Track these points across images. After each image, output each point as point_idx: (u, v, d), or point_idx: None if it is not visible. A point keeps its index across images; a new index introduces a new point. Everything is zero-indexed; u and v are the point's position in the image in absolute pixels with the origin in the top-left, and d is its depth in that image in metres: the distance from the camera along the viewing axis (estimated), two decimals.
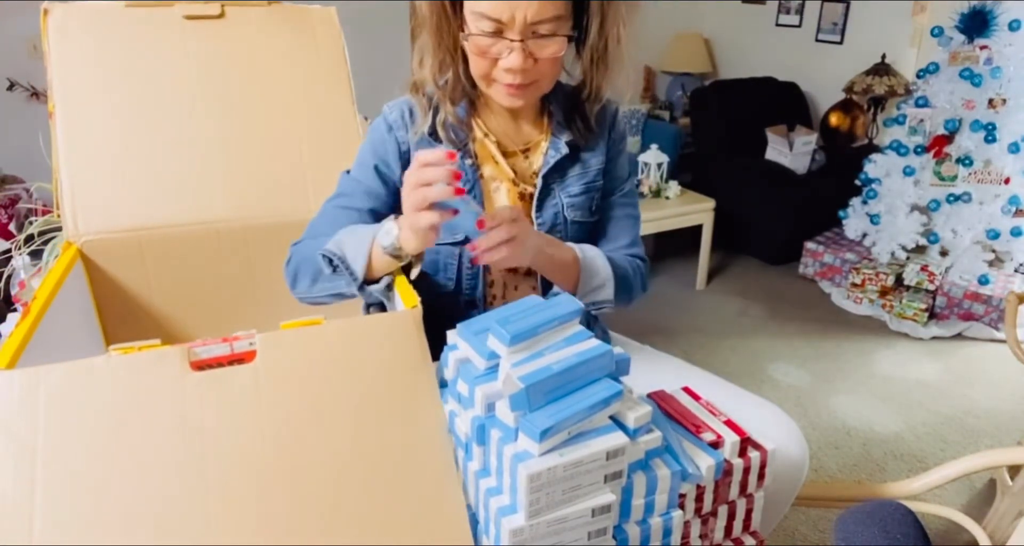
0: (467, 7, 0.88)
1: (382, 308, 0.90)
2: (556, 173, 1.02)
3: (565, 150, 1.01)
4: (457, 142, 0.99)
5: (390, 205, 1.02)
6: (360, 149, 1.04)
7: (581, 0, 0.90)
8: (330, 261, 0.87)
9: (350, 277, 0.85)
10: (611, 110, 1.06)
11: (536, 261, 0.93)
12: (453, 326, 0.77)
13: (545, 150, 1.03)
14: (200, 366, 0.68)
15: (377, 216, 1.01)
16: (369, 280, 0.86)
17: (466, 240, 1.00)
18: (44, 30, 1.07)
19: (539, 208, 1.02)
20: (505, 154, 1.02)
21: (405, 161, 1.00)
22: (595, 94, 1.00)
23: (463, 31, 0.90)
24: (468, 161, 0.99)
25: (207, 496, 0.63)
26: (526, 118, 1.03)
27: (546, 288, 1.06)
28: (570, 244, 0.99)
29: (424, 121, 0.98)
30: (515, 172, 1.02)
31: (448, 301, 1.04)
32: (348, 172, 1.04)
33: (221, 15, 1.15)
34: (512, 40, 0.86)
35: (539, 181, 1.01)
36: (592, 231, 1.10)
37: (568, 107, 1.02)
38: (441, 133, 0.98)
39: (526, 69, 0.89)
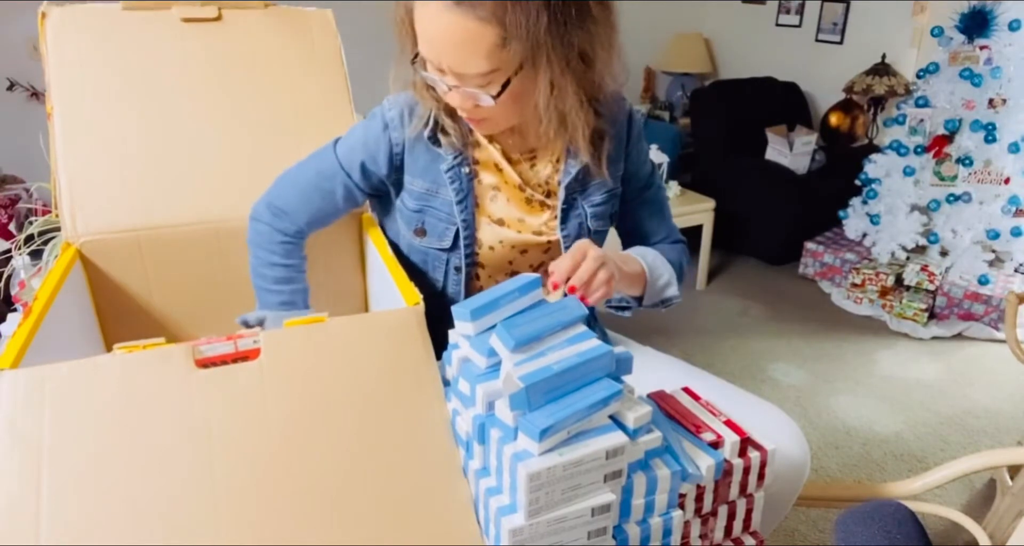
0: None
1: None
2: (577, 183, 1.00)
3: (585, 159, 0.97)
4: (457, 147, 0.97)
5: (362, 199, 1.05)
6: (354, 131, 1.03)
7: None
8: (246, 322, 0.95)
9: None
10: (625, 110, 1.02)
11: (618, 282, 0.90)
12: (442, 328, 0.77)
13: (554, 157, 1.00)
14: (205, 364, 0.68)
15: (347, 200, 1.04)
16: None
17: (453, 247, 1.00)
18: (42, 32, 1.07)
19: (564, 221, 1.00)
20: (509, 161, 1.00)
21: (397, 162, 1.00)
22: (545, 141, 0.96)
23: (413, 63, 0.88)
24: (466, 169, 0.98)
25: (213, 493, 0.63)
26: (528, 126, 1.00)
27: None
28: (628, 252, 0.99)
29: (421, 122, 0.97)
30: (522, 179, 1.00)
31: (434, 302, 1.04)
32: (335, 144, 1.03)
33: (218, 17, 1.14)
34: (448, 85, 0.85)
35: (561, 193, 0.99)
36: (631, 223, 1.10)
37: None
38: (441, 138, 0.97)
39: (468, 109, 0.87)
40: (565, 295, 0.80)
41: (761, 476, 0.80)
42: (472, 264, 1.02)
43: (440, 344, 0.78)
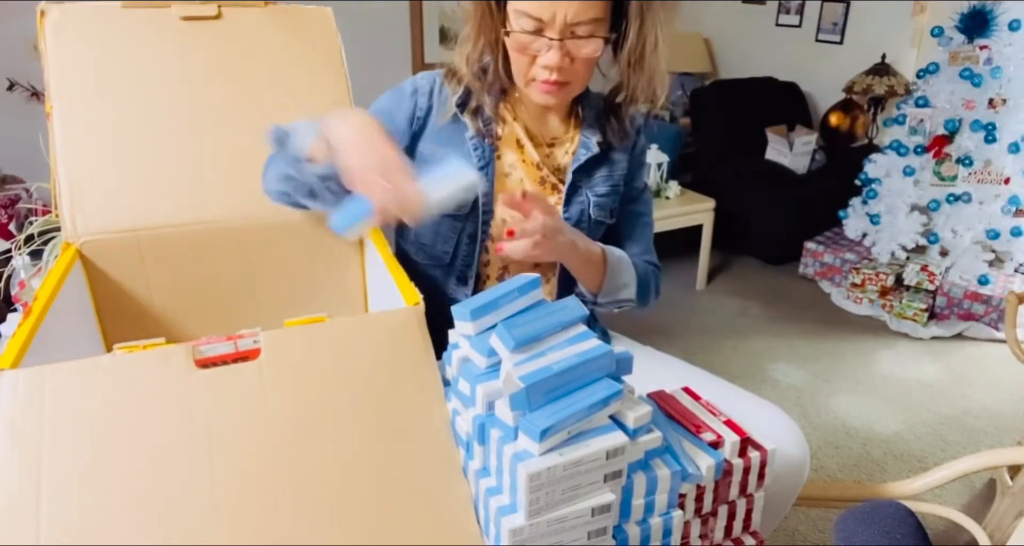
0: (510, 5, 0.91)
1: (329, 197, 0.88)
2: (584, 172, 1.05)
3: (596, 149, 1.04)
4: (482, 126, 1.01)
5: None
6: (377, 101, 1.07)
7: (621, 3, 0.92)
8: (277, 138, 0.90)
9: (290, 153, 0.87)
10: (638, 121, 1.09)
11: (565, 256, 0.95)
12: (446, 313, 0.77)
13: (571, 148, 1.06)
14: (205, 364, 0.68)
15: None
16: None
17: (470, 214, 1.02)
18: (41, 31, 1.07)
19: (567, 204, 1.05)
20: (532, 141, 1.05)
21: (416, 127, 1.03)
22: (631, 97, 1.01)
23: (505, 27, 0.93)
24: (488, 140, 1.01)
25: (213, 493, 0.63)
26: (555, 113, 1.06)
27: (562, 286, 1.07)
28: (596, 243, 1.02)
29: (451, 102, 1.01)
30: (540, 160, 1.05)
31: (440, 274, 1.06)
32: None
33: (218, 16, 1.15)
34: (551, 38, 0.89)
35: (569, 177, 1.04)
36: (608, 233, 1.13)
37: (600, 110, 1.05)
38: (468, 118, 1.01)
39: (562, 68, 0.91)
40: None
41: (761, 476, 0.79)
42: (486, 233, 1.04)
43: (441, 343, 0.78)
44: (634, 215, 1.13)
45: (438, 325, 0.79)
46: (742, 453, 0.78)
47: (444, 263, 1.05)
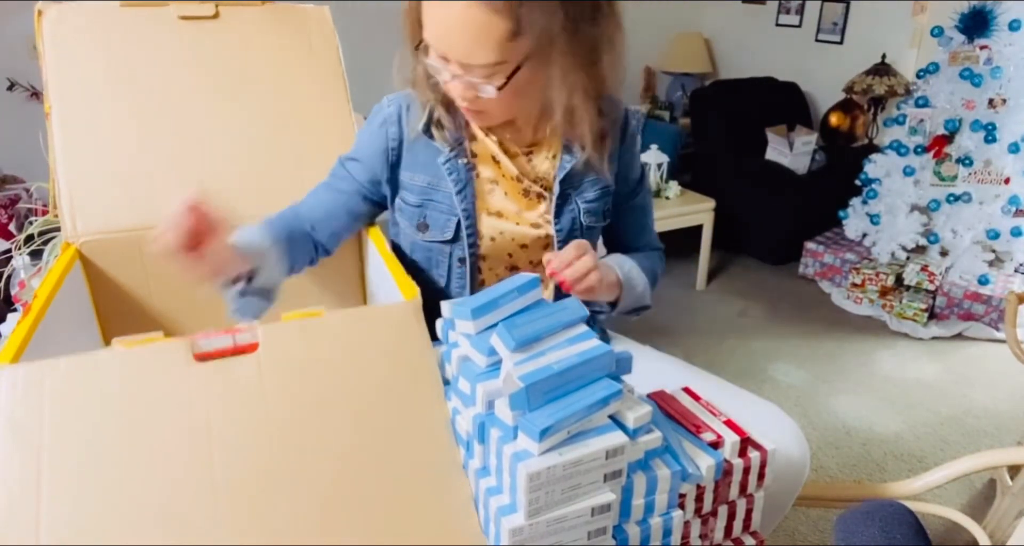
0: (424, 27, 0.86)
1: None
2: (571, 178, 1.01)
3: (580, 155, 0.99)
4: (452, 141, 0.98)
5: (372, 192, 1.05)
6: (358, 134, 1.06)
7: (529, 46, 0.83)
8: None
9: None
10: (622, 112, 1.05)
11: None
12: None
13: (551, 152, 1.02)
14: (203, 358, 0.68)
15: (363, 199, 1.05)
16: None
17: (455, 238, 1.01)
18: (39, 30, 1.07)
19: (558, 215, 1.02)
20: (507, 153, 1.01)
21: (393, 158, 1.01)
22: (547, 141, 1.00)
23: (418, 52, 0.89)
24: (463, 160, 0.99)
25: (212, 488, 0.63)
26: (524, 120, 1.01)
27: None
28: (605, 260, 1.00)
29: (420, 118, 0.98)
30: (519, 171, 1.02)
31: (438, 298, 1.05)
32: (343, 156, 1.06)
33: (215, 15, 1.15)
34: (452, 74, 0.85)
35: (556, 187, 1.01)
36: (612, 231, 1.12)
37: None
38: (435, 132, 0.98)
39: (469, 99, 0.88)
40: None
41: (761, 476, 0.79)
42: (475, 255, 1.02)
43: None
44: (635, 208, 1.11)
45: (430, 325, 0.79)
46: (742, 453, 0.77)
47: (440, 287, 1.05)
